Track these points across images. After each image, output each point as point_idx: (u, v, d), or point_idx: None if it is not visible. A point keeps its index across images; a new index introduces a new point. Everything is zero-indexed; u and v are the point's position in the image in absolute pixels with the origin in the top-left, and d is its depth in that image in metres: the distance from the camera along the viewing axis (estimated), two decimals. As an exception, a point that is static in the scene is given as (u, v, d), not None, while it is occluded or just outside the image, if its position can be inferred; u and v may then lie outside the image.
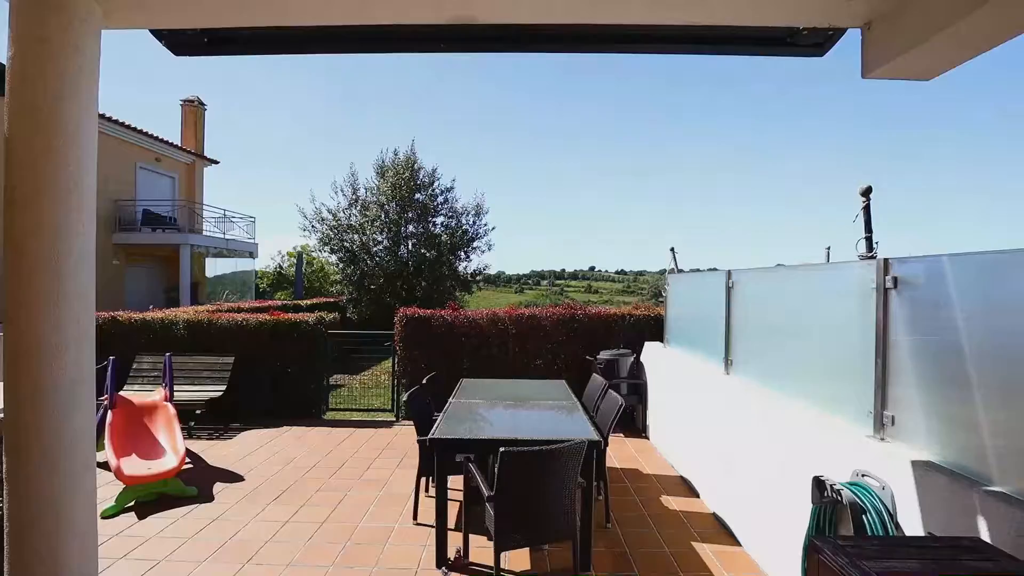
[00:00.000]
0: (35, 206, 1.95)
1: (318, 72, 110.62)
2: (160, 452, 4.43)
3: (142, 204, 15.46)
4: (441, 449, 3.19)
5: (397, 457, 5.26)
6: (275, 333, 6.76)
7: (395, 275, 13.12)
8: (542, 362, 6.80)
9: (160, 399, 4.88)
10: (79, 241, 2.04)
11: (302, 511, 3.99)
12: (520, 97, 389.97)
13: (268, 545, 3.46)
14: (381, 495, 4.30)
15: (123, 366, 6.59)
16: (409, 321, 6.71)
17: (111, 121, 14.42)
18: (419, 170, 13.71)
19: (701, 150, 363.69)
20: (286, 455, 5.27)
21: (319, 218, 13.18)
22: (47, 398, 1.96)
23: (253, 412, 6.79)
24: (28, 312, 1.94)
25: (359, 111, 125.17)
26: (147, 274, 16.17)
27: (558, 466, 2.75)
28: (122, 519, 3.83)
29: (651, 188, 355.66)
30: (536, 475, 2.72)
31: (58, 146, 1.97)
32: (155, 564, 3.21)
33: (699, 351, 4.87)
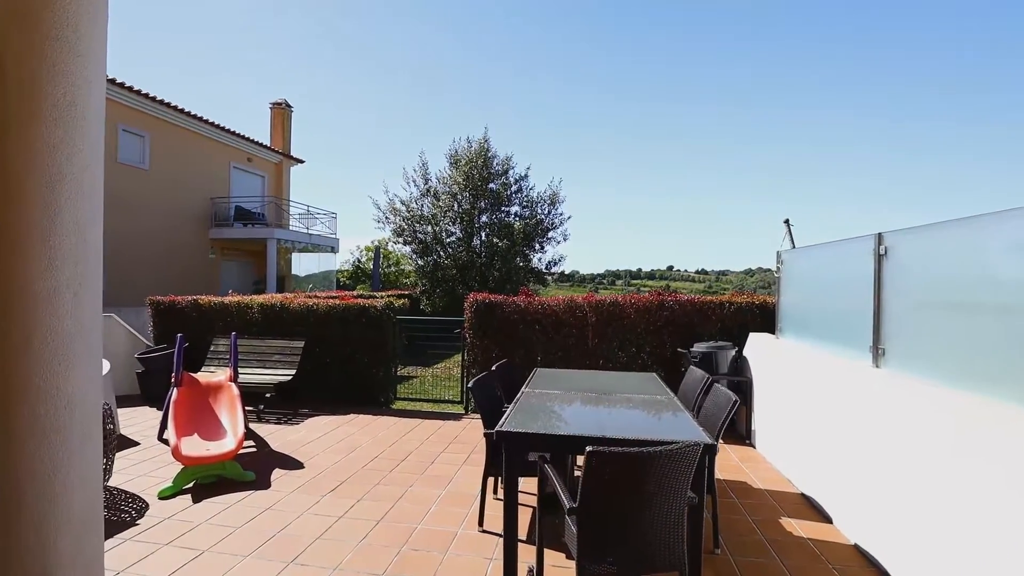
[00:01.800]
0: (28, 127, 1.61)
1: (394, 69, 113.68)
2: (221, 433, 4.24)
3: (235, 201, 16.39)
4: (510, 445, 2.62)
5: (464, 452, 4.78)
6: (344, 318, 6.57)
7: (468, 266, 12.83)
8: (624, 355, 6.07)
9: (225, 379, 4.74)
10: (77, 160, 1.68)
11: (358, 506, 3.59)
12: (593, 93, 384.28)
13: (317, 543, 3.07)
14: (444, 494, 3.82)
15: (203, 348, 6.70)
16: (480, 307, 6.24)
17: (209, 124, 15.40)
18: (492, 158, 13.32)
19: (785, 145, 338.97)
20: (349, 444, 4.97)
21: (392, 209, 13.20)
22: (36, 354, 1.61)
23: (321, 398, 6.65)
24: (11, 248, 1.60)
25: (433, 104, 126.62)
26: (239, 268, 17.16)
27: (664, 474, 2.08)
28: (177, 501, 3.63)
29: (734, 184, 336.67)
30: (635, 484, 2.07)
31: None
32: (198, 555, 2.92)
33: (831, 340, 3.95)
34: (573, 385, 3.87)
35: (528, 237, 12.92)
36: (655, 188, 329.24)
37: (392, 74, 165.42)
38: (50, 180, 1.64)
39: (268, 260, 15.62)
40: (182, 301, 7.16)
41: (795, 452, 4.10)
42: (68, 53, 1.68)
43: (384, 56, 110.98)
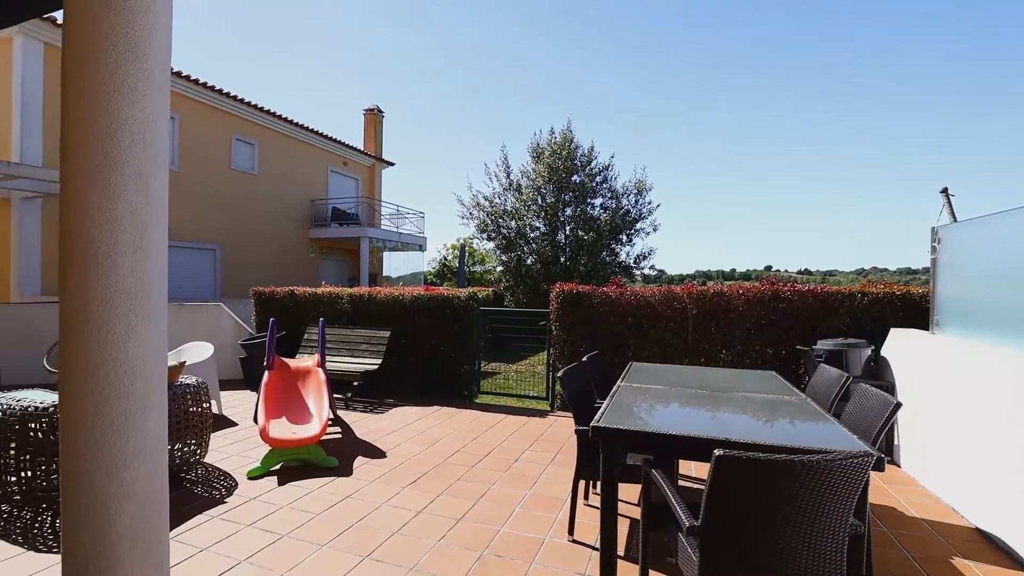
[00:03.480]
0: (88, 66, 1.50)
1: (479, 66, 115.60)
2: (307, 418, 4.24)
3: (332, 203, 17.33)
4: (610, 444, 2.22)
5: (550, 451, 4.42)
6: (428, 309, 6.49)
7: (552, 261, 12.45)
8: (728, 353, 5.38)
9: (313, 365, 4.77)
10: (138, 108, 1.54)
11: (438, 501, 3.36)
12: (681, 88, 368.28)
13: (395, 538, 2.86)
14: (529, 496, 3.49)
15: (298, 336, 6.93)
16: (566, 298, 5.86)
17: (309, 131, 16.40)
18: (576, 149, 12.81)
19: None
20: (431, 436, 4.80)
21: (476, 205, 13.14)
22: (95, 313, 1.49)
23: (405, 388, 6.61)
24: (74, 202, 1.49)
25: (518, 99, 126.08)
26: (336, 265, 18.13)
27: (822, 491, 1.58)
28: (264, 482, 3.62)
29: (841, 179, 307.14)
30: (782, 501, 1.59)
31: None
32: (277, 539, 2.82)
33: (1018, 336, 3.11)
34: (678, 381, 3.37)
35: (615, 229, 12.25)
36: (749, 185, 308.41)
37: (478, 71, 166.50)
38: (110, 128, 1.51)
39: (361, 258, 16.32)
40: (280, 291, 7.50)
41: (967, 477, 3.28)
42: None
43: (470, 54, 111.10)
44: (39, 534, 2.85)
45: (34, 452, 3.05)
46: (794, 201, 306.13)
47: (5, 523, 2.96)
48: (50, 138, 10.08)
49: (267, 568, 2.54)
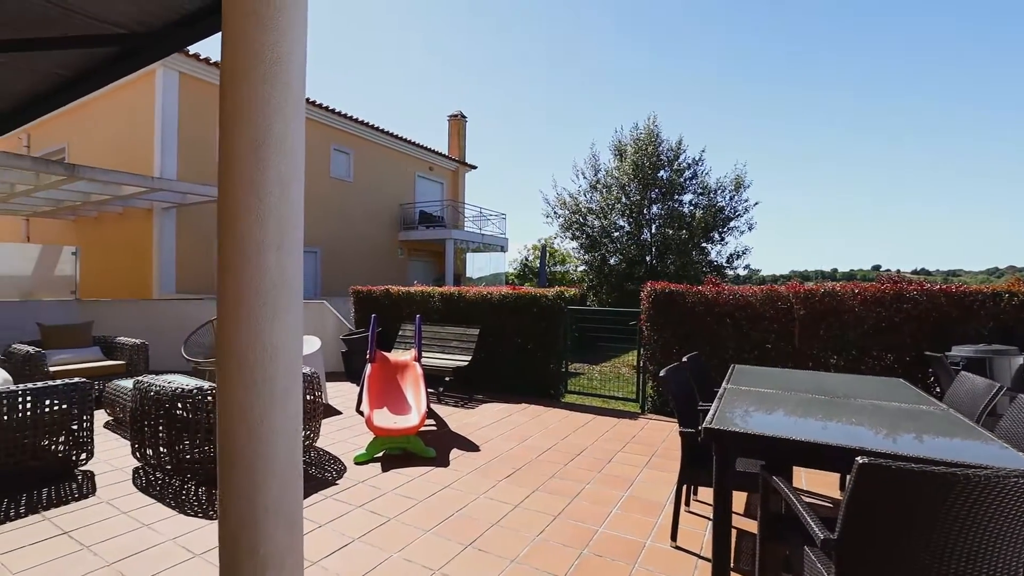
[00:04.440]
0: (241, 81, 1.67)
1: (564, 65, 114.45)
2: (406, 409, 4.44)
3: (419, 206, 18.10)
4: (724, 447, 2.11)
5: (644, 454, 4.30)
6: (516, 307, 6.56)
7: (637, 261, 12.10)
8: (839, 358, 4.92)
9: (411, 359, 4.99)
10: (281, 117, 1.69)
11: (534, 497, 3.38)
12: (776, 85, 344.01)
13: (494, 529, 2.92)
14: (626, 497, 3.41)
15: (393, 332, 7.30)
16: (659, 297, 5.67)
17: (398, 138, 17.25)
18: (661, 144, 12.33)
19: None
20: (522, 433, 4.85)
21: (560, 203, 13.06)
22: (246, 300, 1.65)
23: (493, 385, 6.73)
24: (230, 203, 1.66)
25: (605, 98, 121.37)
26: (423, 267, 18.91)
27: (987, 512, 1.39)
28: (369, 468, 3.84)
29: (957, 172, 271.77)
30: (937, 519, 1.42)
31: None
32: (385, 521, 2.98)
33: None
34: (790, 385, 3.14)
35: (706, 229, 11.64)
36: (851, 184, 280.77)
37: (562, 70, 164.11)
38: (257, 136, 1.67)
39: (446, 259, 16.89)
40: (376, 290, 7.95)
41: None
42: (274, 9, 1.70)
43: (554, 52, 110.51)
44: (187, 500, 3.23)
45: (181, 428, 3.46)
46: (905, 201, 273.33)
47: (160, 489, 3.39)
48: (183, 156, 11.43)
49: (378, 548, 2.69)
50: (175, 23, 2.63)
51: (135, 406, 3.71)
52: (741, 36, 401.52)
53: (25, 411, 3.40)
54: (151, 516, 3.01)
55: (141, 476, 3.62)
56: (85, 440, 3.70)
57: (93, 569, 2.44)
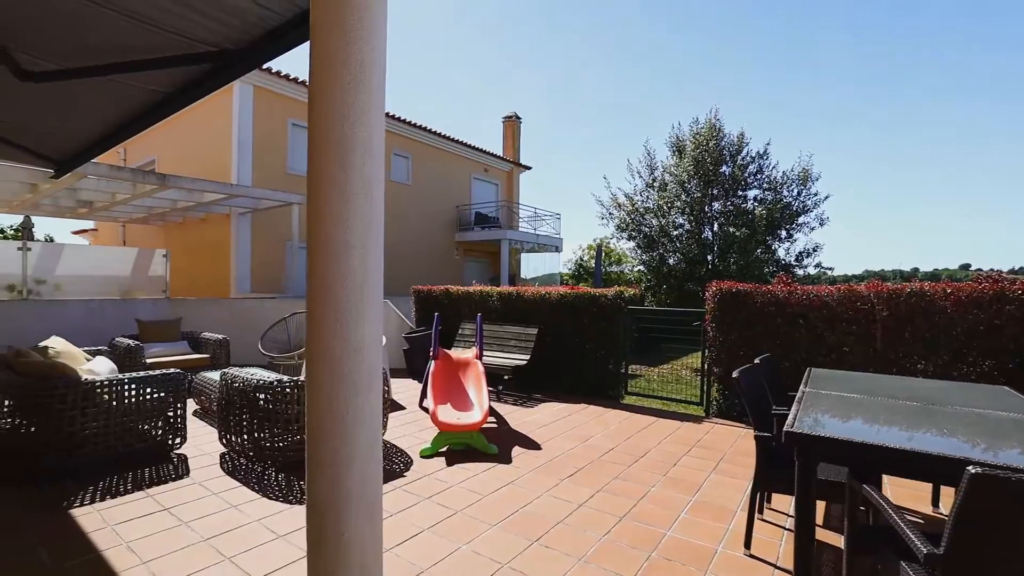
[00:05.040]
0: (328, 88, 1.77)
1: (617, 60, 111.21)
2: (469, 405, 4.53)
3: (474, 207, 18.38)
4: (807, 453, 2.01)
5: (711, 459, 4.16)
6: (575, 307, 6.53)
7: (697, 260, 11.68)
8: (928, 363, 4.55)
9: (472, 357, 5.08)
10: (365, 122, 1.77)
11: (598, 497, 3.35)
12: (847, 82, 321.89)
13: (559, 527, 2.92)
14: (693, 502, 3.32)
15: (452, 331, 7.46)
16: (725, 297, 5.46)
17: (454, 141, 17.59)
18: (724, 139, 11.81)
19: None
20: (582, 433, 4.82)
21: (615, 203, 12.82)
22: (335, 298, 1.74)
23: (552, 385, 6.73)
24: (318, 204, 1.76)
25: (659, 95, 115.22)
26: (478, 267, 19.19)
27: None
28: (434, 462, 3.95)
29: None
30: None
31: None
32: (453, 514, 3.05)
33: None
34: (876, 390, 2.94)
35: (772, 225, 11.04)
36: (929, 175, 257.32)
37: (615, 67, 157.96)
38: (344, 140, 1.76)
39: (502, 259, 17.05)
40: (436, 290, 8.15)
41: None
42: (357, 19, 1.79)
43: (608, 49, 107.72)
44: (269, 484, 3.45)
45: (263, 418, 3.70)
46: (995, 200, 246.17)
47: (244, 474, 3.64)
48: (257, 164, 12.19)
49: (447, 539, 2.76)
50: (261, 38, 2.82)
51: (222, 396, 3.99)
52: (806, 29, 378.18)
53: (131, 398, 3.75)
54: (238, 498, 3.23)
55: (227, 461, 3.89)
56: (179, 426, 4.03)
57: (192, 543, 2.66)
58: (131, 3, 2.45)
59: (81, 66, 3.05)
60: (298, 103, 12.90)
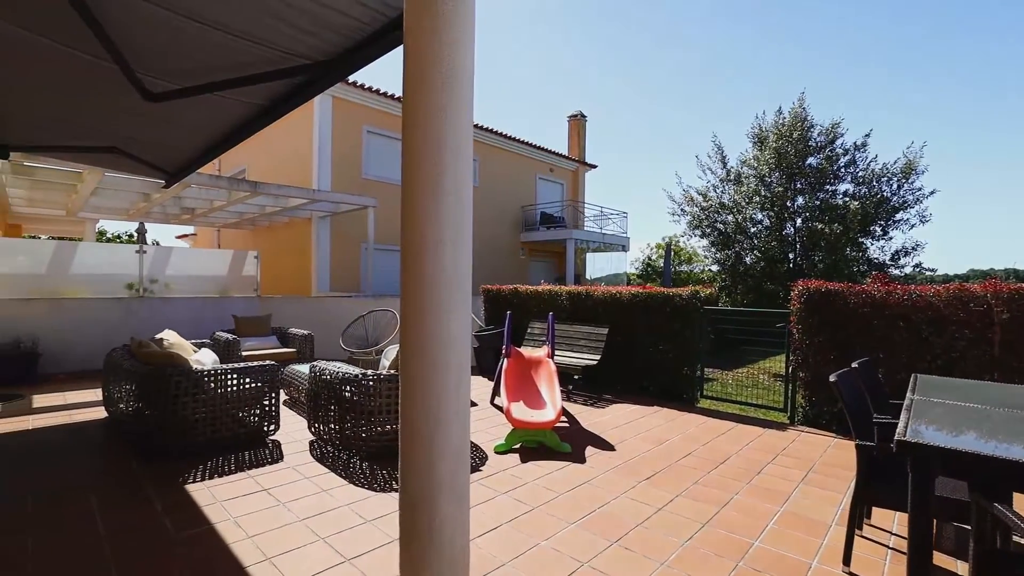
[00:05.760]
0: (421, 92, 1.84)
1: (681, 61, 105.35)
2: (541, 404, 4.54)
3: (539, 207, 18.41)
4: (923, 465, 1.84)
5: (799, 468, 3.92)
6: (647, 307, 6.38)
7: (778, 258, 10.98)
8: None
9: (544, 355, 5.10)
10: (455, 123, 1.83)
11: (678, 502, 3.25)
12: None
13: (638, 530, 2.86)
14: (782, 513, 3.14)
15: (520, 330, 7.51)
16: (813, 297, 5.12)
17: (520, 142, 17.71)
18: (811, 128, 10.96)
19: None
20: (657, 435, 4.70)
21: (687, 200, 12.30)
22: (427, 293, 1.81)
23: (622, 386, 6.61)
24: (413, 203, 1.83)
25: (732, 86, 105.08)
26: (543, 267, 19.20)
27: None
28: (508, 458, 4.00)
29: None
30: None
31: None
32: (530, 510, 3.08)
33: None
34: (996, 399, 2.64)
35: (865, 220, 10.11)
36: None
37: (684, 64, 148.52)
38: (437, 141, 1.83)
39: (567, 259, 16.97)
40: (505, 289, 8.25)
41: None
42: (447, 25, 1.85)
43: (676, 48, 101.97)
44: (354, 471, 3.64)
45: (348, 409, 3.90)
46: None
47: (332, 461, 3.86)
48: (335, 170, 12.89)
49: (526, 534, 2.79)
50: (350, 50, 2.98)
51: (310, 387, 4.26)
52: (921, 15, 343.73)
53: (232, 386, 4.08)
54: (327, 483, 3.43)
55: (316, 448, 4.15)
56: (273, 414, 4.34)
57: (290, 522, 2.86)
58: (239, 22, 2.67)
59: (195, 85, 3.37)
60: (372, 111, 13.51)
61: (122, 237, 28.33)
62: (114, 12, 2.56)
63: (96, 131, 4.46)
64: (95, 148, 4.95)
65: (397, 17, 2.74)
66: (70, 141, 4.89)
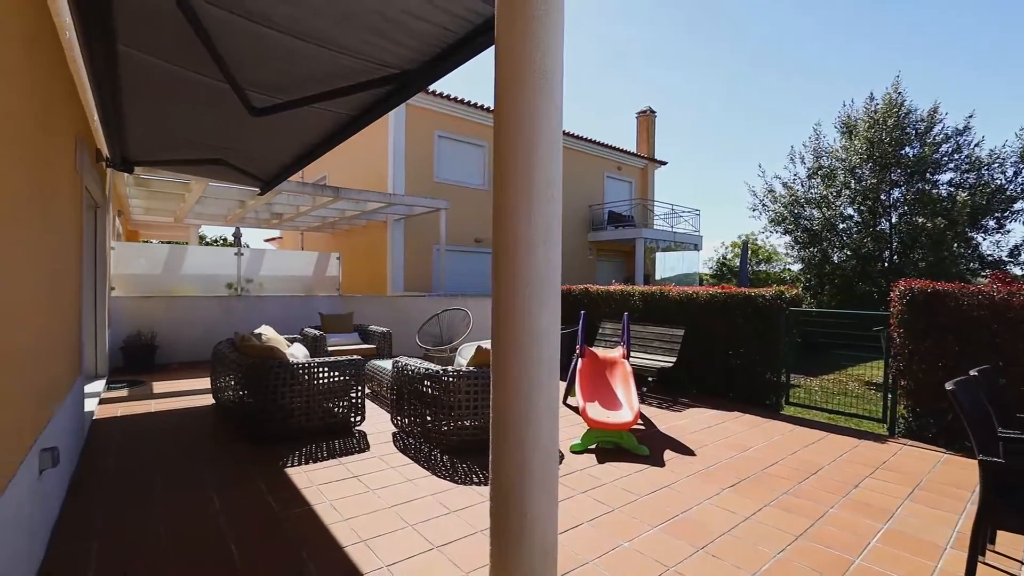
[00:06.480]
0: (513, 94, 1.89)
1: (759, 48, 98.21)
2: (617, 405, 4.49)
3: (607, 206, 18.15)
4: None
5: (903, 484, 3.61)
6: (726, 308, 6.12)
7: (871, 256, 10.12)
8: None
9: (619, 356, 5.03)
10: (547, 125, 1.86)
11: (766, 512, 3.11)
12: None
13: (726, 538, 2.76)
14: (885, 531, 2.91)
15: (591, 330, 7.45)
16: (918, 298, 4.70)
17: (589, 141, 17.55)
18: (907, 115, 9.98)
19: None
20: (739, 442, 4.50)
21: (770, 194, 11.57)
22: (519, 291, 1.85)
23: (699, 389, 6.39)
24: (507, 202, 1.89)
25: (818, 69, 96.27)
26: (611, 267, 18.92)
27: None
28: (585, 458, 3.99)
29: None
30: None
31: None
32: (610, 511, 3.06)
33: None
34: None
35: (975, 212, 9.05)
36: None
37: (763, 50, 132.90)
38: (529, 142, 1.87)
39: (636, 258, 16.62)
40: (576, 289, 8.22)
41: None
42: (537, 28, 1.88)
43: (751, 35, 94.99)
44: (436, 463, 3.78)
45: (429, 403, 4.06)
46: None
47: (414, 452, 4.03)
48: (409, 175, 13.40)
49: (608, 534, 2.77)
50: (436, 57, 3.10)
51: (394, 382, 4.47)
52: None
53: (323, 379, 4.37)
54: (411, 473, 3.59)
55: (399, 439, 4.34)
56: (360, 406, 4.59)
57: (379, 508, 3.02)
58: (334, 36, 2.85)
59: (294, 99, 3.64)
60: (442, 116, 13.91)
61: (218, 241, 31.01)
62: (227, 35, 2.83)
63: (206, 145, 4.93)
64: (204, 161, 5.47)
65: (481, 23, 2.82)
66: (184, 155, 5.43)
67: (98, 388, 5.76)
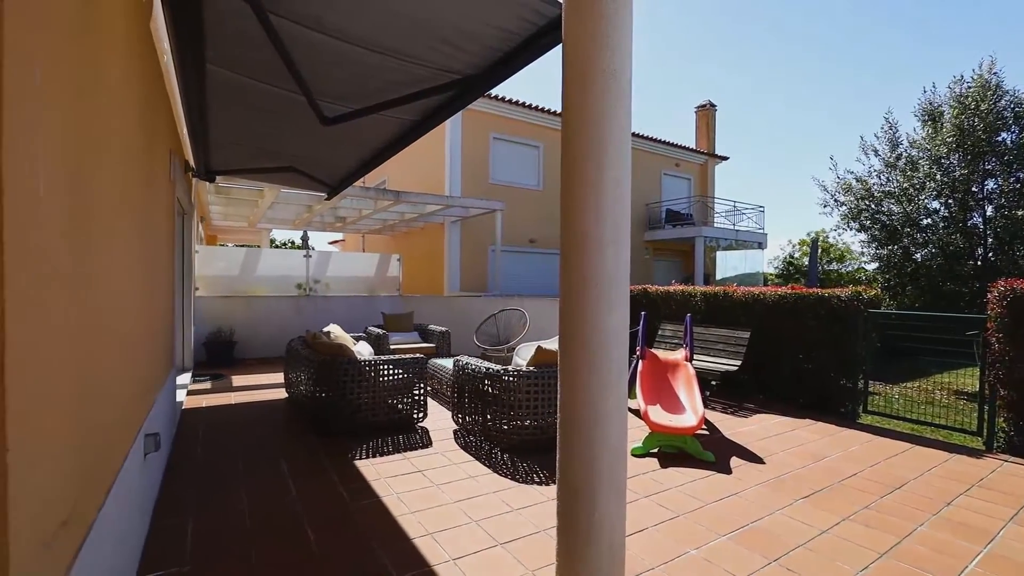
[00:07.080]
0: (582, 94, 1.89)
1: (824, 36, 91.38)
2: (680, 408, 4.37)
3: (665, 204, 17.67)
4: None
5: (1004, 504, 3.29)
6: (796, 309, 5.81)
7: (961, 254, 9.27)
8: None
9: (681, 358, 4.90)
10: (615, 126, 1.85)
11: (845, 526, 2.93)
12: None
13: (801, 551, 2.63)
14: (986, 554, 2.67)
15: (651, 332, 7.29)
16: (1021, 299, 4.27)
17: (647, 139, 17.17)
18: (1001, 98, 9.01)
19: None
20: (812, 451, 4.26)
21: (843, 188, 10.80)
22: (588, 290, 1.85)
23: (766, 394, 6.10)
24: (574, 204, 1.89)
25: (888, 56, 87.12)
26: (669, 267, 18.42)
27: None
28: (647, 461, 3.91)
29: None
30: None
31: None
32: (675, 516, 2.98)
33: None
34: None
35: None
36: None
37: (829, 38, 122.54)
38: (599, 143, 1.86)
39: (696, 258, 16.09)
40: (635, 289, 8.06)
41: None
42: (606, 29, 1.87)
43: (817, 23, 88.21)
44: (497, 461, 3.83)
45: (489, 402, 4.11)
46: None
47: (475, 450, 4.10)
48: (465, 177, 13.64)
49: (673, 540, 2.71)
50: (500, 61, 3.14)
51: (455, 380, 4.56)
52: None
53: (388, 376, 4.53)
54: (473, 470, 3.65)
55: (460, 437, 4.43)
56: (422, 403, 4.72)
57: (444, 503, 3.09)
58: (399, 45, 2.95)
59: (361, 107, 3.80)
60: (497, 118, 14.05)
61: (287, 244, 32.82)
62: (304, 49, 2.99)
63: (280, 154, 5.23)
64: (277, 168, 5.82)
65: (545, 24, 2.83)
66: (260, 164, 5.79)
67: (186, 380, 6.26)
